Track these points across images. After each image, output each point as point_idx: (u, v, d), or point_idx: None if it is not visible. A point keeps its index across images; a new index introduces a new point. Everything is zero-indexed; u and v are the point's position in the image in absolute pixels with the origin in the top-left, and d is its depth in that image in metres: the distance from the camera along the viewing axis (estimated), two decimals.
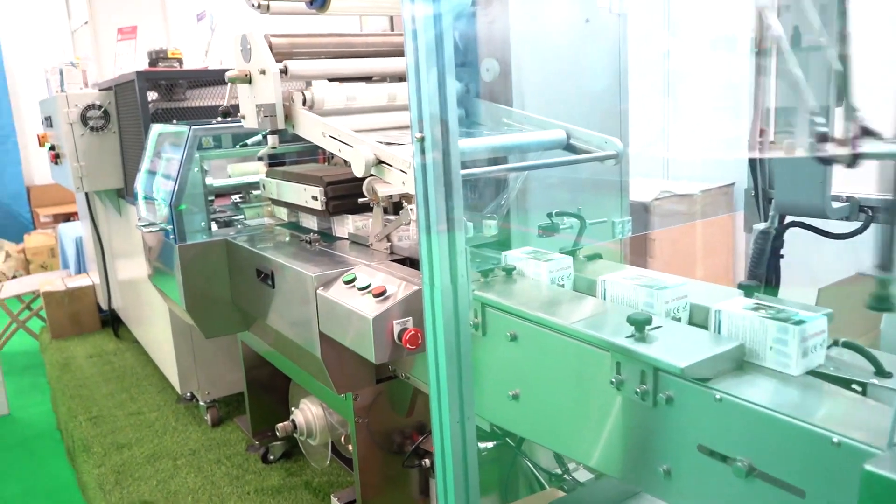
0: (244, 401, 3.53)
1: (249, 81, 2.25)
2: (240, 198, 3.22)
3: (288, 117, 2.16)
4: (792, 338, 1.26)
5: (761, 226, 1.80)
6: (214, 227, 3.07)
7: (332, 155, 3.51)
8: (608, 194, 2.40)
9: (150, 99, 3.54)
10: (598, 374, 1.40)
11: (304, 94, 2.14)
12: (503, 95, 2.40)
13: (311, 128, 2.06)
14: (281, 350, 2.71)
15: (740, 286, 1.49)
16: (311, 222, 2.89)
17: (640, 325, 1.34)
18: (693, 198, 3.27)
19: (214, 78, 3.72)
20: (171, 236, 2.73)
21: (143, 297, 4.23)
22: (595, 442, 1.44)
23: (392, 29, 3.82)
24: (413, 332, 1.86)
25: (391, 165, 1.76)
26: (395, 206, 2.39)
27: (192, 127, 2.72)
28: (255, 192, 3.23)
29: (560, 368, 1.51)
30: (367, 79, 2.45)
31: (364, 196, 2.30)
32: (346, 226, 2.62)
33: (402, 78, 2.60)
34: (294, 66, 2.19)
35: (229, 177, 3.44)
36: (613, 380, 1.34)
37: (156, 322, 4.03)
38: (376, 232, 2.37)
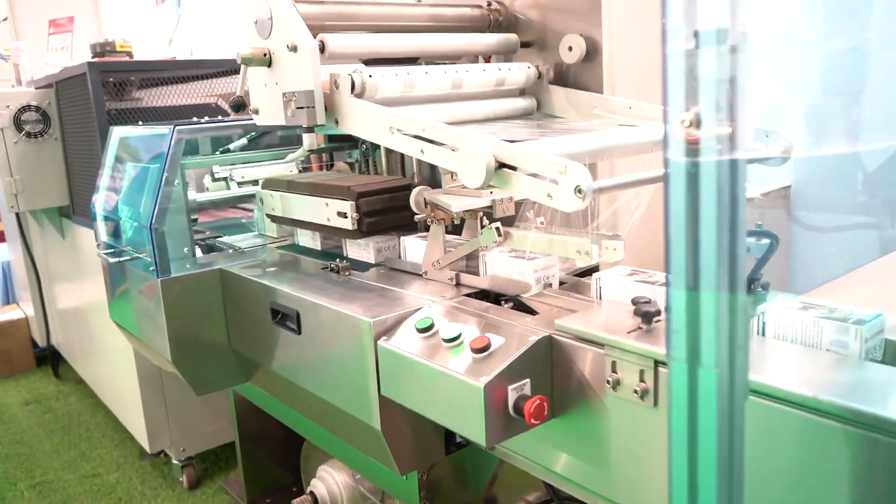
0: (229, 457, 2.92)
1: (269, 64, 1.68)
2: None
3: (329, 109, 1.61)
4: (854, 339, 1.13)
5: None
6: (199, 252, 2.47)
7: (332, 161, 2.96)
8: None
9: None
10: None
11: (352, 78, 1.59)
12: (591, 79, 1.91)
13: (370, 122, 1.52)
14: (302, 408, 2.14)
15: None
16: (309, 240, 2.33)
17: None
18: (754, 201, 2.86)
19: (183, 73, 3.09)
20: (152, 268, 2.12)
21: (94, 331, 3.55)
22: None
23: None
24: (538, 401, 1.34)
25: (519, 170, 1.24)
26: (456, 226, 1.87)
27: (176, 127, 2.13)
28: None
29: None
30: (413, 60, 1.92)
31: (398, 211, 1.78)
32: (368, 249, 2.08)
33: (461, 58, 2.07)
34: (334, 41, 1.63)
35: (207, 189, 2.84)
36: None
37: (112, 361, 3.37)
38: (435, 257, 1.83)
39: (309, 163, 3.20)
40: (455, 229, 1.94)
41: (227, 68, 3.17)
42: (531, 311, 1.59)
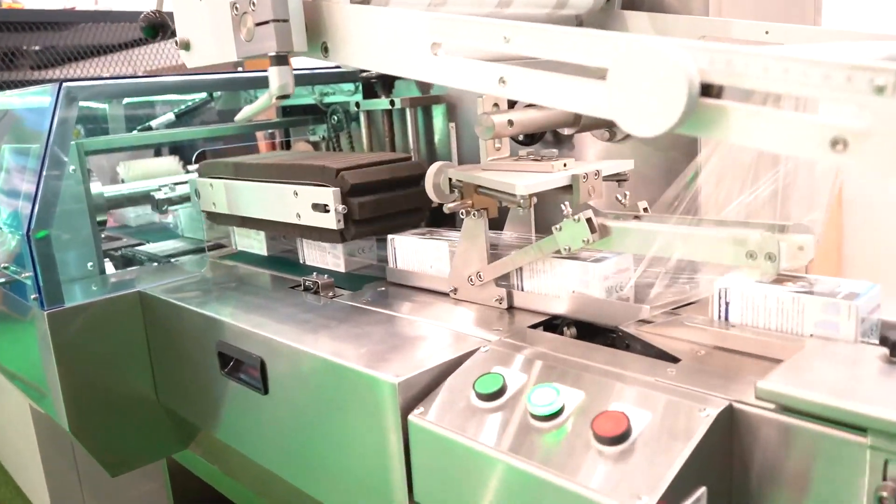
0: None
1: None
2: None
3: (312, 27, 0.95)
4: (846, 318, 0.85)
5: None
6: (110, 266, 1.77)
7: (288, 141, 2.28)
8: None
9: None
10: None
11: None
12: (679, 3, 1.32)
13: (391, 38, 0.86)
14: (271, 498, 1.47)
15: None
16: (253, 243, 1.67)
17: None
18: None
19: (91, 37, 2.36)
20: (34, 296, 1.42)
21: None
22: None
23: None
24: None
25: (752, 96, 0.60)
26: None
27: (64, 84, 1.42)
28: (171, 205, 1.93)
29: None
30: None
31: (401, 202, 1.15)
32: (335, 254, 1.45)
33: None
34: None
35: (122, 181, 2.12)
36: None
37: (4, 408, 2.61)
38: (475, 268, 1.20)
39: (251, 141, 2.52)
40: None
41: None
42: (652, 352, 0.97)
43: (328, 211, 1.36)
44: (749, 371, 0.88)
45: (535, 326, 1.11)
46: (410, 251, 1.36)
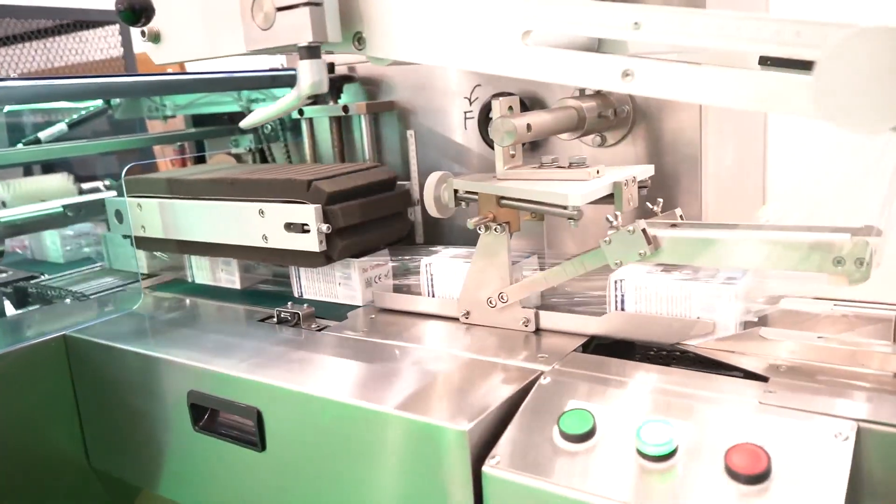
0: None
1: None
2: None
3: (347, 11, 0.78)
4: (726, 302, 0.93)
5: None
6: (9, 307, 1.48)
7: (199, 155, 2.03)
8: None
9: None
10: None
11: None
12: None
13: (460, 28, 0.72)
14: None
15: None
16: (221, 276, 1.47)
17: None
18: None
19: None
20: None
21: None
22: None
23: None
24: None
25: None
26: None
27: None
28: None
29: None
30: None
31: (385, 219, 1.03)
32: (318, 279, 1.30)
33: None
34: None
35: (3, 204, 1.79)
36: None
37: None
38: (497, 288, 1.08)
39: (148, 157, 2.26)
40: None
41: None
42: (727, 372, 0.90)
43: (307, 231, 1.19)
44: (848, 385, 0.83)
45: (590, 350, 1.01)
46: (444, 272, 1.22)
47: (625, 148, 1.34)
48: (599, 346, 1.04)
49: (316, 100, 1.68)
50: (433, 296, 1.19)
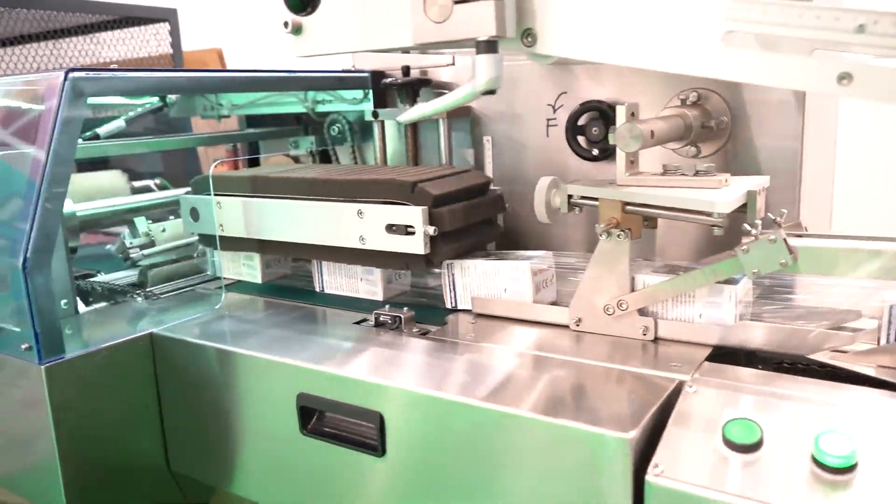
0: None
1: None
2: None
3: (521, 6, 0.77)
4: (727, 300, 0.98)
5: None
6: (81, 305, 1.44)
7: (255, 157, 2.00)
8: None
9: None
10: None
11: None
12: None
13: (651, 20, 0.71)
14: None
15: None
16: (243, 270, 1.45)
17: None
18: None
19: None
20: (28, 345, 1.09)
21: None
22: None
23: None
24: None
25: None
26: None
27: (71, 74, 1.12)
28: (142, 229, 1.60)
29: None
30: None
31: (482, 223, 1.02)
32: (373, 281, 1.28)
33: None
34: None
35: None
36: None
37: None
38: (617, 294, 1.06)
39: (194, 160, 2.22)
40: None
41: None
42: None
43: (412, 233, 1.17)
44: None
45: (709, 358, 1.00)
46: (479, 275, 1.20)
47: (718, 159, 1.34)
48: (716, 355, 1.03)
49: (386, 102, 1.67)
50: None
